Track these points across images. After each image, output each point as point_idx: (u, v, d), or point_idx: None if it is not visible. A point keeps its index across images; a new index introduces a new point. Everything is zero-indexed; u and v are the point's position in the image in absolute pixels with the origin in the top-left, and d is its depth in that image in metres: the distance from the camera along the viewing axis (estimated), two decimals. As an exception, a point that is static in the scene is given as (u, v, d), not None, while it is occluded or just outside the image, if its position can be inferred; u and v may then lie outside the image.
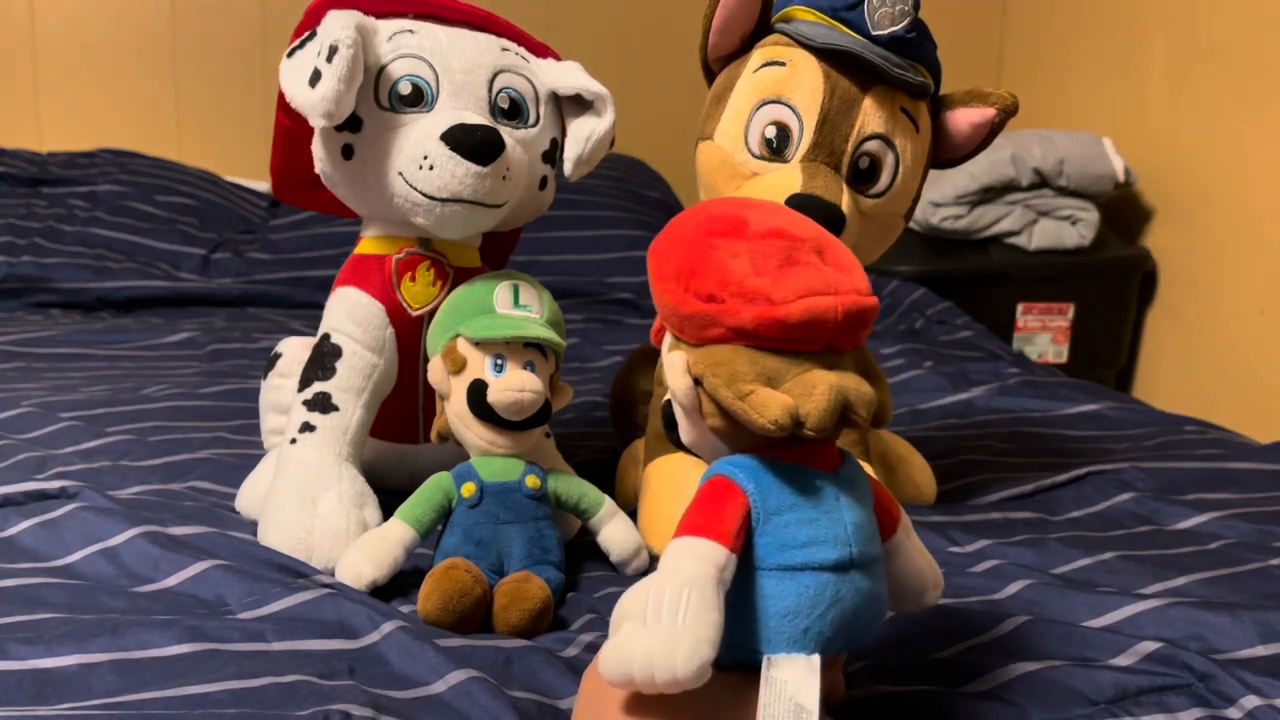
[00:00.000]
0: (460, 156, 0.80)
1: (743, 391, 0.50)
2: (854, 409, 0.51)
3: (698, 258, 0.52)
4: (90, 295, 1.68)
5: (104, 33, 2.07)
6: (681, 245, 0.54)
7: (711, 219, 0.54)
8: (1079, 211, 1.96)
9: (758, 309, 0.50)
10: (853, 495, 0.54)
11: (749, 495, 0.51)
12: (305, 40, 0.84)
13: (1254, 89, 1.80)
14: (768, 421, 0.49)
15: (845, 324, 0.51)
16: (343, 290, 0.89)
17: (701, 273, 0.52)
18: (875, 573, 0.54)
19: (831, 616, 0.51)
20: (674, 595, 0.47)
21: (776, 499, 0.52)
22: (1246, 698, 0.62)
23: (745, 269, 0.51)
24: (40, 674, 0.63)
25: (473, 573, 0.74)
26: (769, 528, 0.51)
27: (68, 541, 0.81)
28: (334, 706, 0.60)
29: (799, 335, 0.51)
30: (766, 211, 0.55)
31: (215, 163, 2.08)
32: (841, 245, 0.55)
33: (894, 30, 0.87)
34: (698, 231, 0.54)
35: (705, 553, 0.49)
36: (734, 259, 0.52)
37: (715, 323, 0.51)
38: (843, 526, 0.52)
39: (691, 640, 0.46)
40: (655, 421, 0.97)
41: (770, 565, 0.51)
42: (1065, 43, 2.30)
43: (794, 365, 0.51)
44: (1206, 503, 0.98)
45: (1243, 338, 1.84)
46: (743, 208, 0.55)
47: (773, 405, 0.49)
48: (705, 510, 0.51)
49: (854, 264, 0.54)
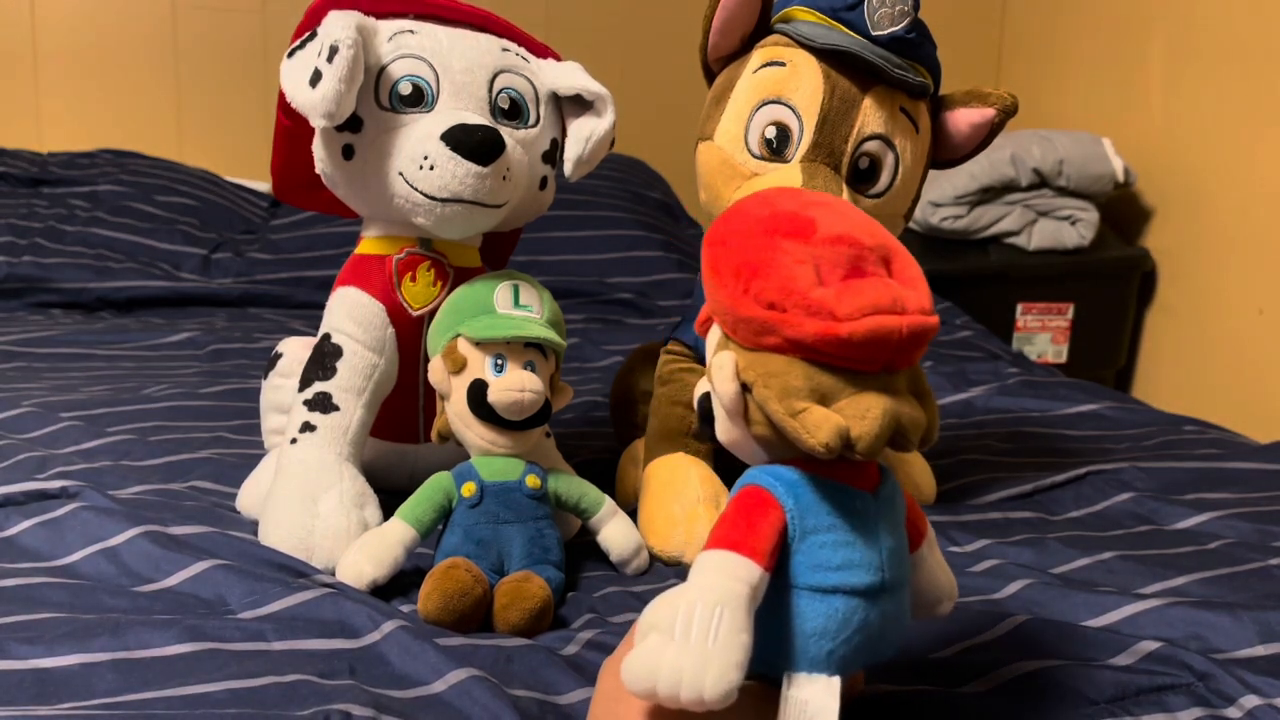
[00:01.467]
0: (460, 157, 0.80)
1: (795, 409, 0.48)
2: (905, 434, 0.50)
3: (761, 258, 0.50)
4: (91, 295, 1.68)
5: (104, 33, 2.08)
6: (743, 240, 0.51)
7: (777, 216, 0.52)
8: (1078, 211, 1.96)
9: (820, 324, 0.48)
10: (890, 518, 0.53)
11: (787, 511, 0.50)
12: (306, 40, 0.84)
13: (1254, 89, 1.80)
14: (818, 444, 0.47)
15: (908, 345, 0.49)
16: (343, 290, 0.89)
17: (764, 275, 0.49)
18: (902, 596, 0.53)
19: (857, 641, 0.50)
20: (706, 614, 0.46)
21: (815, 518, 0.50)
22: (1246, 697, 0.62)
23: (810, 278, 0.49)
24: (41, 674, 0.63)
25: (473, 572, 0.74)
26: (804, 546, 0.50)
27: (68, 541, 0.81)
28: (334, 706, 0.60)
29: (859, 355, 0.49)
30: (834, 213, 0.52)
31: (215, 163, 2.08)
32: (907, 254, 0.53)
33: (894, 30, 0.87)
34: (762, 228, 0.51)
35: (739, 570, 0.48)
36: (799, 265, 0.49)
37: (773, 332, 0.49)
38: (878, 552, 0.51)
39: (721, 663, 0.45)
40: (655, 421, 0.97)
41: (802, 584, 0.50)
42: (1065, 43, 2.30)
43: (849, 384, 0.49)
44: (1206, 502, 0.98)
45: (1243, 338, 1.84)
46: (809, 205, 0.52)
47: (825, 427, 0.48)
48: (741, 523, 0.49)
49: (919, 277, 0.52)
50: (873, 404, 0.49)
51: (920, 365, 0.54)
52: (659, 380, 0.99)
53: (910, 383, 0.52)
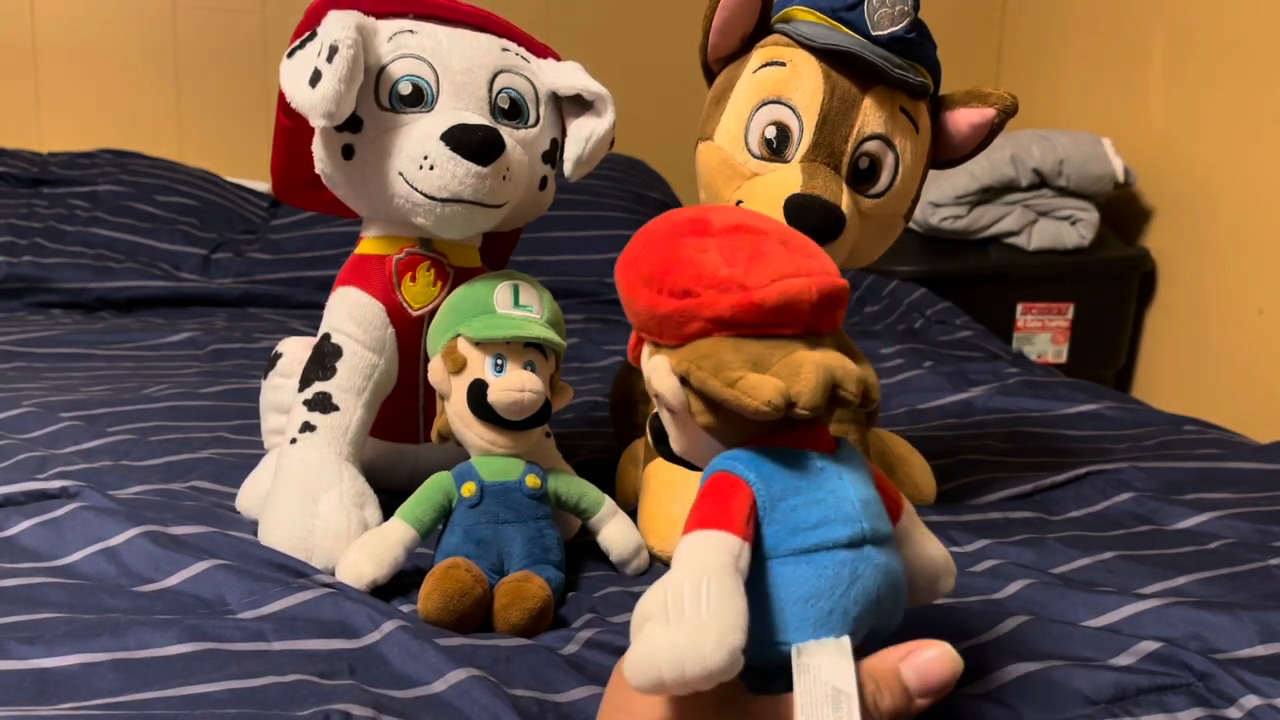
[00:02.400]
0: (460, 156, 0.80)
1: (731, 379, 0.50)
2: (842, 385, 0.51)
3: (668, 258, 0.53)
4: (91, 295, 1.68)
5: (104, 33, 2.08)
6: (649, 250, 0.54)
7: (675, 223, 0.55)
8: (1079, 212, 1.96)
9: (734, 296, 0.51)
10: (855, 473, 0.53)
11: (752, 484, 0.51)
12: (305, 40, 0.84)
13: (1254, 89, 1.80)
14: (761, 403, 0.49)
15: (821, 304, 0.52)
16: (343, 290, 0.89)
17: (674, 270, 0.52)
18: (890, 550, 0.53)
19: (855, 594, 0.50)
20: (693, 586, 0.46)
21: (780, 484, 0.51)
22: (1246, 697, 0.62)
23: (716, 261, 0.52)
24: (41, 674, 0.63)
25: (473, 572, 0.74)
26: (776, 514, 0.50)
27: (68, 541, 0.81)
28: (334, 706, 0.60)
29: (777, 319, 0.51)
30: (728, 211, 0.56)
31: (215, 163, 2.08)
32: (804, 237, 0.56)
33: (894, 30, 0.87)
34: (663, 235, 0.54)
35: (717, 543, 0.48)
36: (704, 254, 0.52)
37: (693, 317, 0.52)
38: (850, 503, 0.51)
39: (719, 628, 0.44)
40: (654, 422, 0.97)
41: (783, 552, 0.50)
42: (1065, 43, 2.30)
43: (777, 349, 0.51)
44: (1206, 502, 0.98)
45: (1243, 338, 1.84)
46: (704, 211, 0.56)
47: (764, 387, 0.49)
48: (710, 504, 0.50)
49: (819, 252, 0.55)
50: (803, 360, 0.50)
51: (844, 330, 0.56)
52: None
53: (839, 347, 0.55)
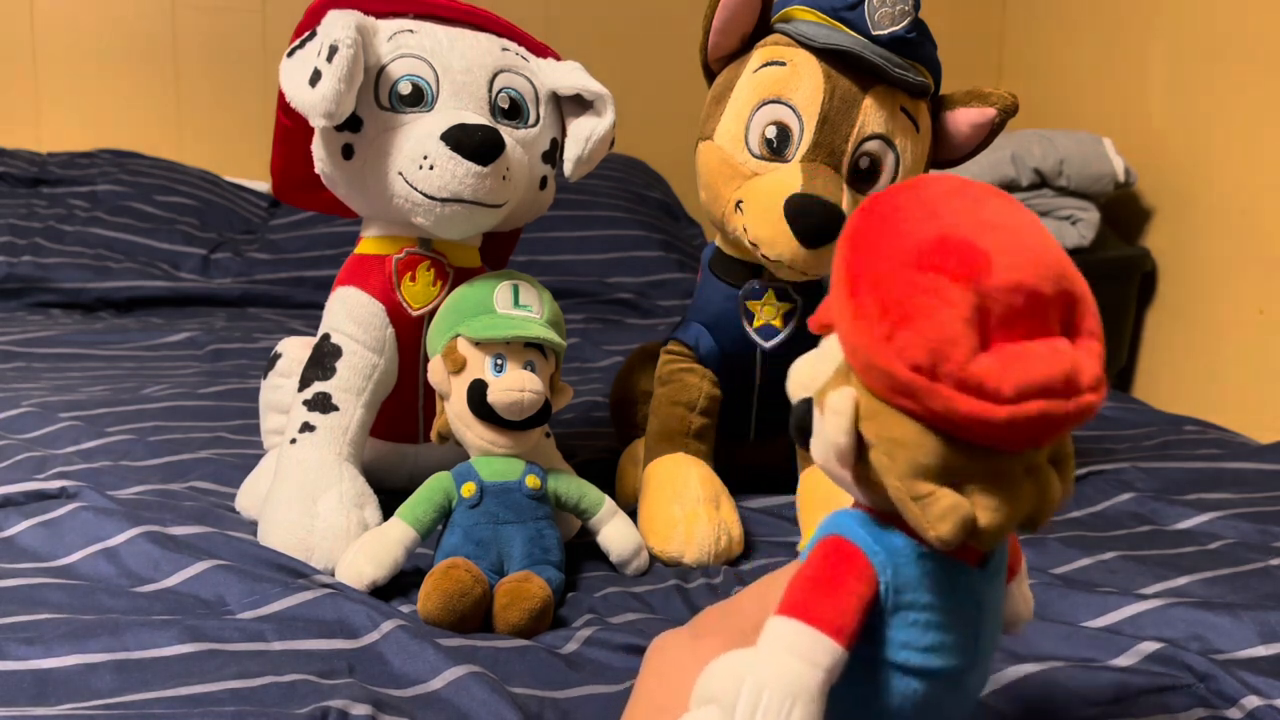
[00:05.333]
0: (460, 156, 0.80)
1: (919, 492, 0.40)
2: (1034, 521, 0.42)
3: (915, 303, 0.40)
4: (90, 295, 1.68)
5: (104, 33, 2.07)
6: (897, 269, 0.41)
7: (944, 243, 0.41)
8: (1079, 211, 1.96)
9: (975, 404, 0.39)
10: (993, 595, 0.47)
11: (882, 584, 0.43)
12: (305, 40, 0.84)
13: (1254, 89, 1.80)
14: (936, 536, 0.40)
15: (1071, 428, 0.41)
16: (343, 290, 0.89)
17: (914, 325, 0.39)
18: (986, 667, 0.47)
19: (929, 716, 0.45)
20: (775, 705, 0.40)
21: (911, 595, 0.43)
22: (1247, 698, 0.62)
23: (972, 341, 0.39)
24: (40, 674, 0.63)
25: (473, 572, 0.74)
26: (894, 621, 0.43)
27: (68, 541, 0.81)
28: (332, 703, 0.60)
29: (1014, 439, 0.40)
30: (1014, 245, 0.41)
31: (215, 163, 2.08)
32: (1091, 301, 0.43)
33: (894, 30, 0.87)
34: (923, 260, 0.40)
35: (818, 652, 0.41)
36: (960, 323, 0.39)
37: (914, 398, 0.40)
38: (974, 634, 0.45)
39: None
40: (655, 422, 0.97)
41: (883, 659, 0.44)
42: (1065, 43, 2.30)
43: (987, 465, 0.41)
44: (1206, 503, 0.98)
45: (1243, 338, 1.84)
46: (985, 230, 0.41)
47: (950, 520, 0.40)
48: (826, 590, 0.42)
49: (1099, 334, 0.42)
50: (1010, 494, 0.41)
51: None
52: (659, 380, 0.99)
53: (1053, 450, 0.44)
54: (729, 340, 0.97)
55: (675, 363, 0.98)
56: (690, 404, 0.96)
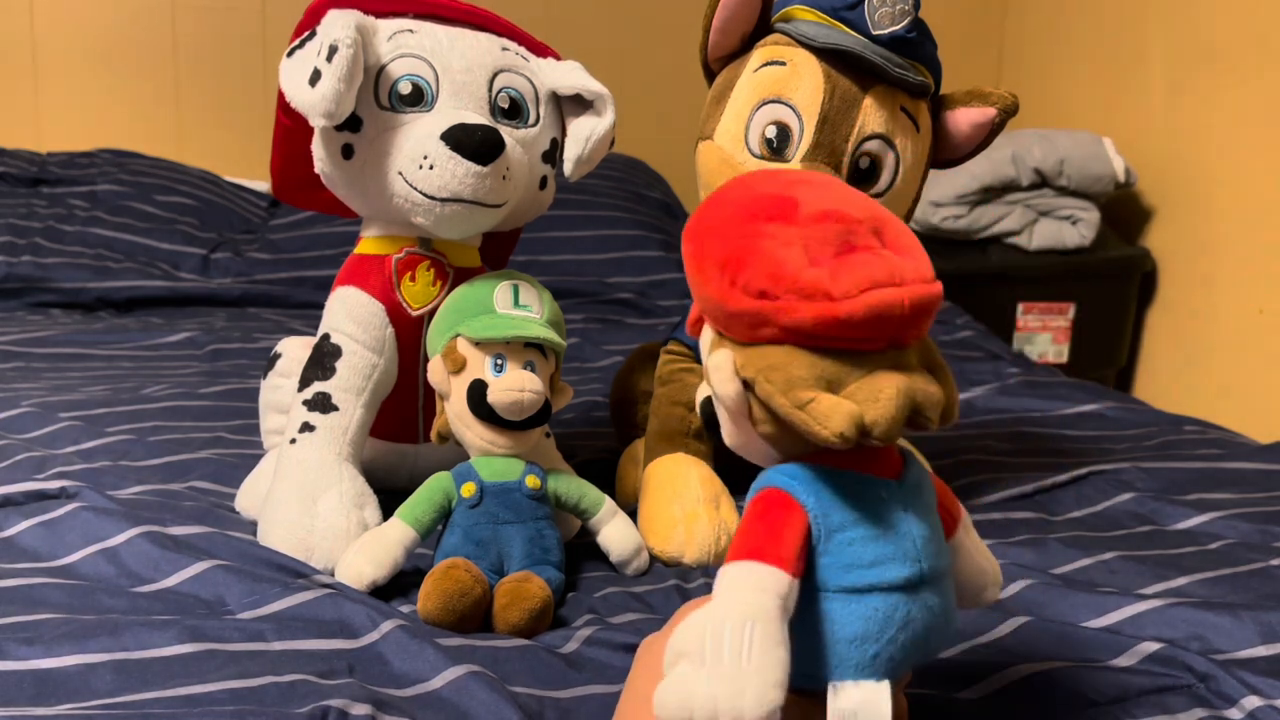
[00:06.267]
0: (460, 156, 0.80)
1: (801, 400, 0.45)
2: (923, 411, 0.47)
3: (745, 247, 0.46)
4: (90, 295, 1.68)
5: (104, 33, 2.07)
6: (725, 230, 0.47)
7: (756, 199, 0.48)
8: (1079, 211, 1.96)
9: (816, 306, 0.45)
10: (920, 505, 0.49)
11: (809, 511, 0.47)
12: (305, 40, 0.84)
13: (1254, 89, 1.80)
14: (831, 434, 0.44)
15: (912, 317, 0.46)
16: (343, 290, 0.89)
17: (750, 264, 0.46)
18: (945, 587, 0.50)
19: (902, 640, 0.47)
20: (736, 632, 0.43)
21: (839, 515, 0.47)
22: (1247, 698, 0.62)
23: (799, 259, 0.45)
24: (40, 674, 0.63)
25: (473, 572, 0.74)
26: (832, 546, 0.47)
27: (68, 541, 0.81)
28: (332, 702, 0.60)
29: (863, 334, 0.45)
30: (818, 189, 0.49)
31: (215, 163, 2.08)
32: (900, 223, 0.49)
33: (894, 30, 0.87)
34: (742, 215, 0.48)
35: (766, 581, 0.44)
36: (786, 248, 0.46)
37: (768, 322, 0.46)
38: (911, 541, 0.48)
39: (759, 683, 0.42)
40: (655, 422, 0.97)
41: (835, 587, 0.47)
42: (1065, 43, 2.30)
43: (856, 367, 0.46)
44: (1206, 503, 0.98)
45: (1243, 338, 1.84)
46: (791, 185, 0.49)
47: (836, 415, 0.44)
48: (761, 529, 0.46)
49: (915, 244, 0.48)
50: (885, 384, 0.45)
51: (930, 337, 0.50)
52: (659, 380, 0.99)
53: (922, 357, 0.49)
54: (729, 340, 0.97)
55: (675, 363, 0.98)
56: (690, 404, 0.96)
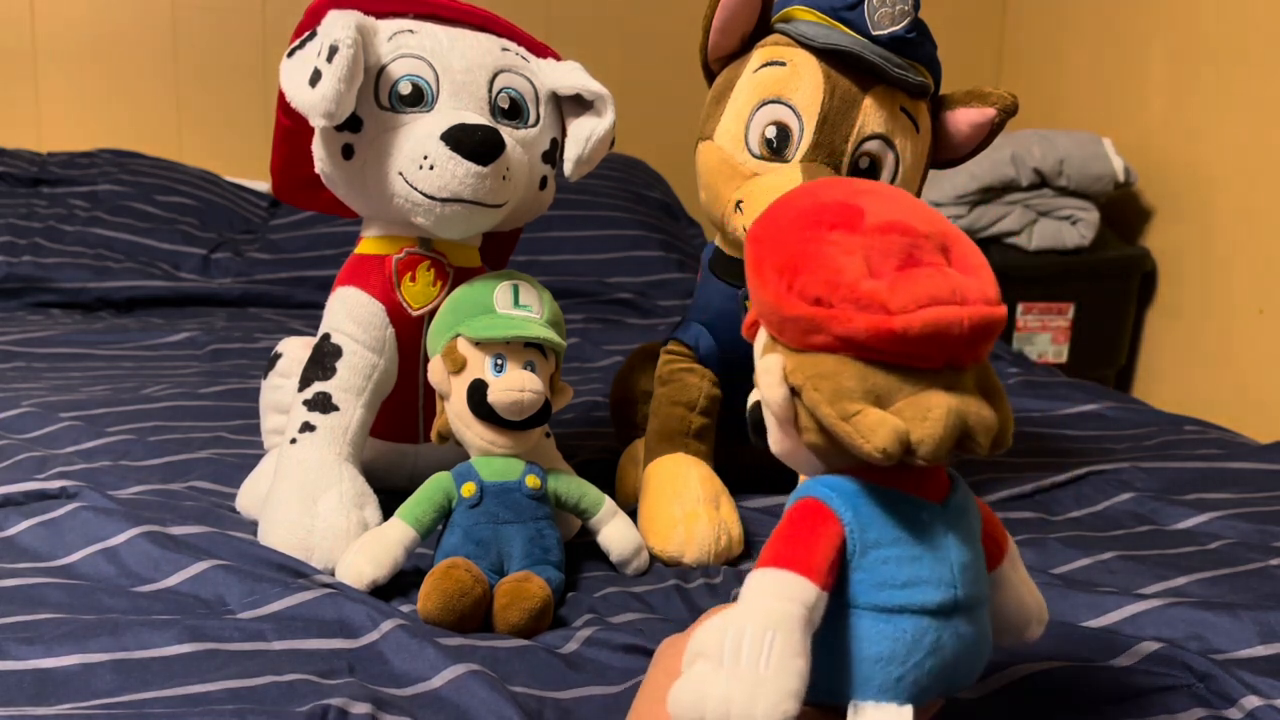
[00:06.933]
0: (460, 156, 0.80)
1: (847, 411, 0.44)
2: (973, 436, 0.45)
3: (805, 252, 0.46)
4: (90, 295, 1.68)
5: (104, 33, 2.07)
6: (786, 235, 0.47)
7: (821, 207, 0.47)
8: (1079, 211, 1.96)
9: (872, 318, 0.44)
10: (962, 531, 0.48)
11: (845, 525, 0.46)
12: (305, 40, 0.84)
13: (1254, 89, 1.80)
14: (874, 449, 0.43)
15: (971, 338, 0.45)
16: (343, 290, 0.89)
17: (808, 270, 0.45)
18: (980, 616, 0.48)
19: (930, 665, 0.45)
20: (756, 637, 0.42)
21: (876, 531, 0.46)
22: (1247, 698, 0.62)
23: (859, 269, 0.45)
24: (40, 674, 0.63)
25: (473, 572, 0.74)
26: (866, 562, 0.46)
27: (68, 541, 0.81)
28: (331, 701, 0.60)
29: (918, 350, 0.44)
30: (884, 199, 0.48)
31: (215, 163, 2.08)
32: (968, 240, 0.48)
33: (894, 30, 0.87)
34: (805, 220, 0.47)
35: (793, 590, 0.43)
36: (846, 256, 0.45)
37: (821, 329, 0.45)
38: (949, 566, 0.46)
39: (774, 691, 0.41)
40: (655, 421, 0.97)
41: (865, 605, 0.46)
42: (1065, 43, 2.30)
43: (908, 383, 0.45)
44: (1206, 503, 0.98)
45: (1243, 338, 1.84)
46: (857, 194, 0.48)
47: (881, 431, 0.43)
48: (795, 538, 0.45)
49: (983, 264, 0.47)
50: (934, 403, 0.44)
51: (990, 362, 0.49)
52: (659, 380, 0.99)
53: (979, 380, 0.48)
54: (729, 340, 0.97)
55: (675, 363, 0.98)
56: (690, 404, 0.96)
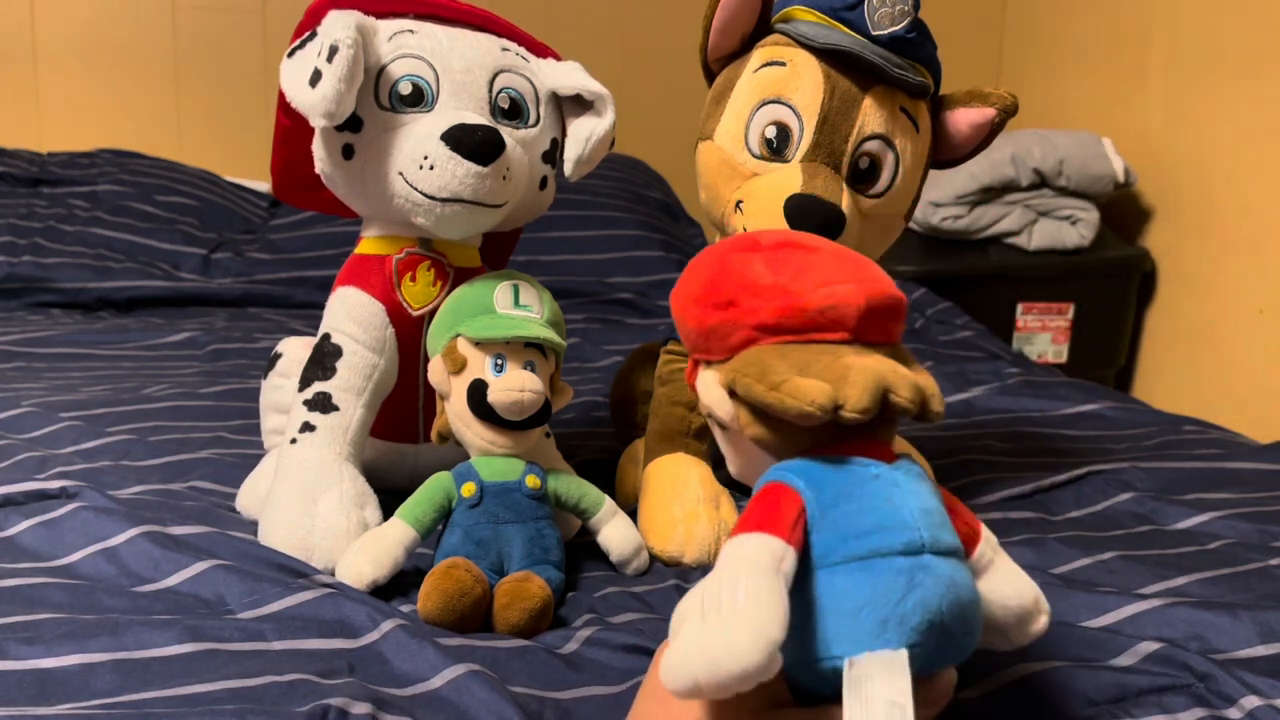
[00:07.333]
0: (461, 156, 0.80)
1: (775, 382, 0.48)
2: (894, 390, 0.48)
3: (714, 273, 0.53)
4: (90, 295, 1.68)
5: (104, 33, 2.08)
6: (698, 271, 0.54)
7: (725, 245, 0.55)
8: (1079, 211, 1.96)
9: (777, 301, 0.50)
10: (914, 483, 0.49)
11: (800, 491, 0.48)
12: (306, 40, 0.84)
13: (1254, 89, 1.80)
14: (805, 404, 0.46)
15: (870, 311, 0.50)
16: (343, 290, 0.89)
17: (719, 284, 0.52)
18: (957, 564, 0.48)
19: (912, 602, 0.45)
20: (729, 585, 0.43)
21: (832, 489, 0.48)
22: (1246, 698, 0.62)
23: (760, 271, 0.51)
24: (40, 674, 0.63)
25: (473, 572, 0.74)
26: (827, 522, 0.47)
27: (68, 541, 0.81)
28: (332, 702, 0.60)
29: (823, 323, 0.49)
30: (778, 233, 0.56)
31: (215, 163, 2.08)
32: (860, 256, 0.54)
33: (894, 30, 0.87)
34: (712, 256, 0.54)
35: (759, 543, 0.45)
36: (749, 266, 0.52)
37: (738, 325, 0.51)
38: (908, 511, 0.48)
39: (754, 622, 0.41)
40: (655, 422, 0.97)
41: (834, 560, 0.46)
42: (1065, 43, 2.30)
43: (824, 353, 0.49)
44: (1206, 502, 0.98)
45: (1243, 338, 1.84)
46: (756, 234, 0.56)
47: (809, 389, 0.47)
48: (755, 510, 0.47)
49: (875, 268, 0.53)
50: (850, 364, 0.48)
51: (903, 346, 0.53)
52: (659, 380, 0.99)
53: (892, 356, 0.52)
54: (729, 340, 0.97)
55: (675, 363, 0.98)
56: (690, 404, 0.96)
